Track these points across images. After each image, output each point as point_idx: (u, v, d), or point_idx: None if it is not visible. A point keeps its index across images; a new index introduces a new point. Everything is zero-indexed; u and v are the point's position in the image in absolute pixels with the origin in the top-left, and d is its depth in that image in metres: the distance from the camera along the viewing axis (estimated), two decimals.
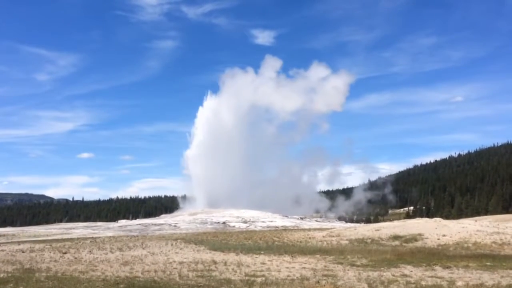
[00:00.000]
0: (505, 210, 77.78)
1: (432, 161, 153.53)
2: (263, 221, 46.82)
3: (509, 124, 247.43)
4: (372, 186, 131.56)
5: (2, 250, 20.44)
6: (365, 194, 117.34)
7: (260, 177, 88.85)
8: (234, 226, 42.92)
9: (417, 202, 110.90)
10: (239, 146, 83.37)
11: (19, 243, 26.47)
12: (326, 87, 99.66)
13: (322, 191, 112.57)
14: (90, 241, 25.69)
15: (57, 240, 28.14)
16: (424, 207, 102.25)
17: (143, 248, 21.01)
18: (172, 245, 22.61)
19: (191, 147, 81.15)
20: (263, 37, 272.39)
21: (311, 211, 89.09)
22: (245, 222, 46.23)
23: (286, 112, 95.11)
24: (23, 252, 19.75)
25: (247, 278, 12.24)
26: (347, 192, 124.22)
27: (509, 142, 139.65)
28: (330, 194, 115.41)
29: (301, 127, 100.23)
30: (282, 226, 43.24)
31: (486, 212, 78.80)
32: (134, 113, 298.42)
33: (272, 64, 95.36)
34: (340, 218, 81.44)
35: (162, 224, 46.25)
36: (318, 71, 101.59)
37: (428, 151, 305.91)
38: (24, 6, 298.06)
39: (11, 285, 11.13)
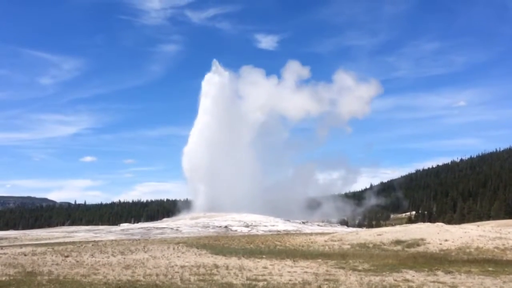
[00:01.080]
0: (508, 215, 77.42)
1: (434, 166, 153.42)
2: (265, 225, 46.72)
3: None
4: (380, 190, 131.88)
5: (4, 253, 20.46)
6: (375, 198, 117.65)
7: (271, 181, 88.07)
8: (236, 230, 42.84)
9: (419, 207, 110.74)
10: (249, 148, 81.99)
11: (21, 246, 26.49)
12: (349, 95, 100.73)
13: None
14: (92, 245, 25.70)
15: (59, 244, 28.15)
16: (426, 212, 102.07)
17: (145, 252, 21.01)
18: (174, 249, 22.61)
19: (193, 132, 78.08)
20: (267, 41, 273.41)
21: (330, 215, 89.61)
22: (247, 226, 46.12)
23: (297, 118, 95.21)
24: (25, 255, 19.76)
25: (248, 282, 12.24)
26: (350, 196, 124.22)
27: None
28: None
29: (319, 133, 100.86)
30: (284, 230, 43.17)
31: (488, 217, 78.56)
32: (137, 117, 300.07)
33: (294, 69, 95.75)
34: (342, 223, 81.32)
35: (164, 227, 46.18)
36: (342, 78, 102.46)
37: (430, 156, 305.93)
38: (28, 10, 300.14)
39: None
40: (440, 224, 29.72)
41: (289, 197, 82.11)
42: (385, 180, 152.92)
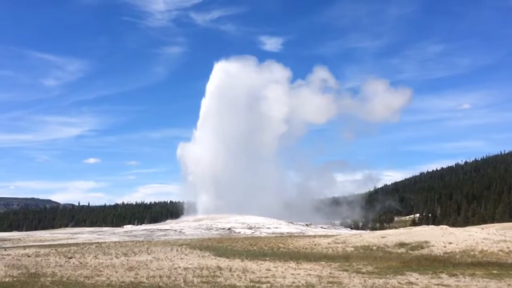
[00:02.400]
0: None
1: (438, 169, 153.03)
2: (268, 227, 46.67)
3: None
4: (384, 192, 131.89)
5: (8, 255, 20.51)
6: (380, 201, 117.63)
7: (282, 182, 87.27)
8: (239, 232, 42.79)
9: (423, 210, 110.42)
10: (264, 148, 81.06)
11: (24, 247, 26.53)
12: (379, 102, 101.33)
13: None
14: (96, 246, 25.73)
15: (62, 245, 28.19)
16: (430, 215, 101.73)
17: (148, 254, 21.02)
18: (177, 250, 22.61)
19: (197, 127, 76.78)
20: (271, 43, 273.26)
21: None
22: (250, 228, 46.08)
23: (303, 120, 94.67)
24: (28, 256, 19.81)
25: (252, 284, 12.22)
26: (353, 199, 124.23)
27: None
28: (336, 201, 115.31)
29: (345, 135, 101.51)
30: (287, 232, 43.08)
31: (492, 220, 78.21)
32: (140, 118, 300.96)
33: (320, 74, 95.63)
34: (345, 225, 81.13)
35: (168, 229, 46.19)
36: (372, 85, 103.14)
37: (434, 158, 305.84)
38: (32, 11, 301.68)
39: None
40: (444, 226, 29.59)
41: (305, 198, 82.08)
42: (389, 183, 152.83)
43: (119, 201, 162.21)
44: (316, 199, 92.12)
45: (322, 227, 55.53)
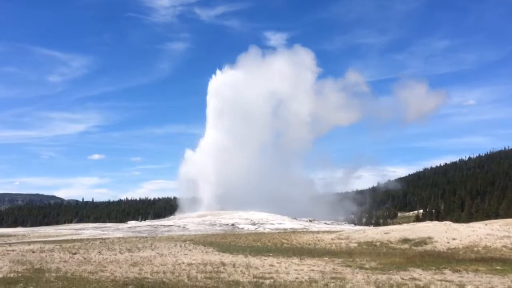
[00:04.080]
0: None
1: (442, 164, 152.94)
2: (272, 223, 46.76)
3: None
4: (387, 188, 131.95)
5: (13, 250, 20.60)
6: (383, 196, 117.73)
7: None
8: (243, 228, 42.89)
9: (427, 205, 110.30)
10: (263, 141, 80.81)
11: (29, 243, 26.67)
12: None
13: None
14: (100, 242, 25.83)
15: (67, 241, 28.32)
16: (434, 210, 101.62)
17: (152, 249, 21.08)
18: (181, 246, 22.67)
19: (206, 132, 76.29)
20: (276, 39, 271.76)
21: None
22: (254, 224, 46.17)
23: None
24: (33, 252, 19.90)
25: (255, 280, 12.24)
26: (357, 194, 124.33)
27: None
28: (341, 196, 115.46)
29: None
30: (291, 228, 43.14)
31: (496, 216, 78.01)
32: (145, 115, 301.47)
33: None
34: (349, 221, 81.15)
35: (171, 225, 46.34)
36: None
37: (438, 154, 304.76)
38: (37, 8, 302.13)
39: (21, 285, 11.23)
40: (447, 222, 29.59)
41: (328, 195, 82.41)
42: (392, 179, 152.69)
43: (123, 197, 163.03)
44: (332, 194, 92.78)
45: (325, 223, 55.55)
